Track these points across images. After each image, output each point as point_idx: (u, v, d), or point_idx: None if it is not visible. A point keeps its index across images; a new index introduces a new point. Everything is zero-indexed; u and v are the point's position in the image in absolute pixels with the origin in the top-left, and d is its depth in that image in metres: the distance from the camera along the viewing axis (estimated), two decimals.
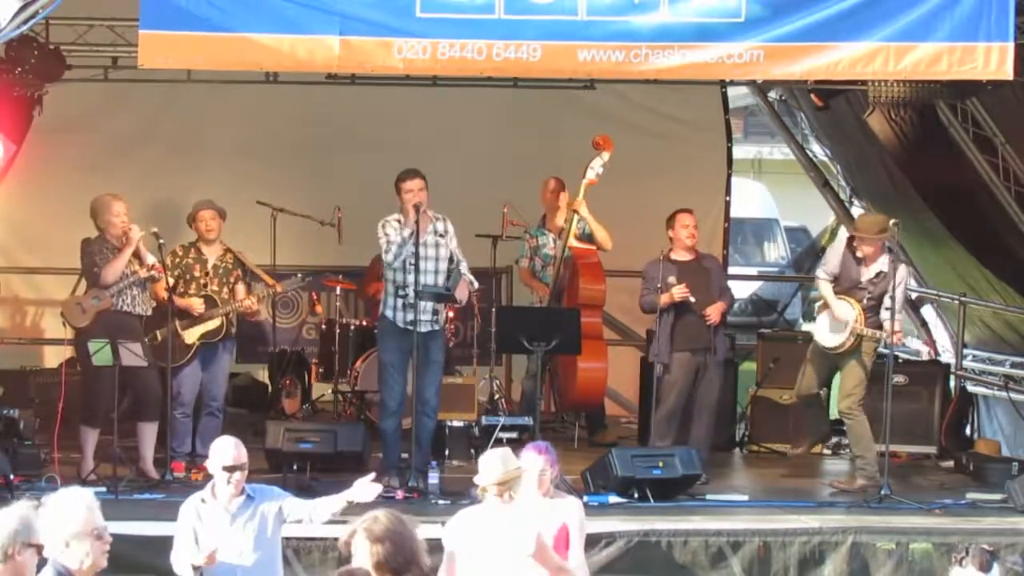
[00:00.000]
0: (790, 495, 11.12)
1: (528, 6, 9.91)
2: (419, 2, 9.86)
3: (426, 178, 10.77)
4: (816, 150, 16.20)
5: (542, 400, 11.84)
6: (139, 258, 10.92)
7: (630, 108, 14.70)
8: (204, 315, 11.18)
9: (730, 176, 15.71)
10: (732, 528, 9.89)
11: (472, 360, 13.73)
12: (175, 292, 11.07)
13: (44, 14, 9.66)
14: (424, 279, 10.60)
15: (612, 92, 14.29)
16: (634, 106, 14.74)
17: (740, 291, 12.65)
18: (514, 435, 11.51)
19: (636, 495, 10.45)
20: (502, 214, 13.45)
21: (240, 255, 11.54)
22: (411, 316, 10.63)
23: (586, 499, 10.27)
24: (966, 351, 14.13)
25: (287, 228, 14.06)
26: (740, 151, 21.89)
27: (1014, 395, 13.62)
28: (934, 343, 11.16)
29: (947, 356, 14.91)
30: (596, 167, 12.44)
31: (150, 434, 11.00)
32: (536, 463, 7.78)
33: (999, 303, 13.87)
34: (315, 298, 14.57)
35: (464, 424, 12.17)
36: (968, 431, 13.70)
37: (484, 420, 12.07)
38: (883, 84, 11.75)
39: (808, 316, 19.27)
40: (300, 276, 12.06)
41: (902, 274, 11.31)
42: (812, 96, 13.75)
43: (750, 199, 23.98)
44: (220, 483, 7.79)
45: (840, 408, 11.56)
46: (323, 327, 14.16)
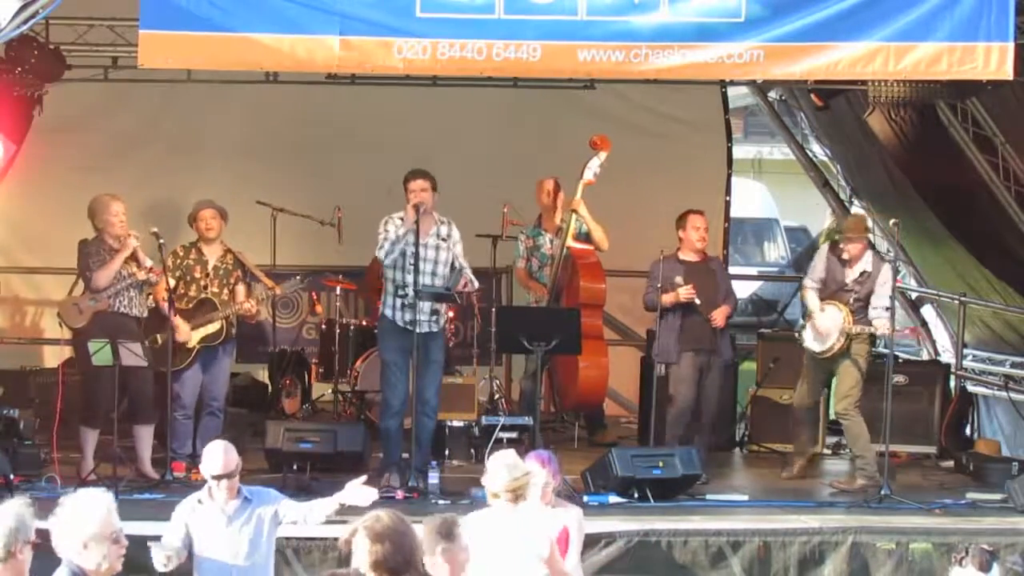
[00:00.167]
0: (790, 495, 11.11)
1: (528, 6, 9.90)
2: (419, 2, 9.85)
3: (435, 180, 10.77)
4: (816, 150, 16.20)
5: (542, 400, 11.84)
6: (136, 261, 10.92)
7: (630, 108, 14.69)
8: (197, 324, 11.17)
9: (730, 176, 15.71)
10: (732, 528, 9.88)
11: (472, 360, 13.72)
12: (175, 293, 11.07)
13: (44, 14, 9.66)
14: (420, 280, 10.59)
15: (612, 92, 14.29)
16: (634, 106, 14.74)
17: (740, 291, 12.63)
18: (514, 435, 11.50)
19: (636, 495, 10.44)
20: (502, 214, 13.45)
21: (240, 256, 11.52)
22: (410, 316, 10.64)
23: (586, 499, 10.29)
24: (966, 351, 14.14)
25: (287, 228, 14.07)
26: (740, 151, 21.87)
27: (1014, 395, 13.62)
28: (916, 329, 11.15)
29: (947, 356, 14.93)
30: (594, 167, 12.42)
31: (146, 436, 11.00)
32: (540, 476, 7.75)
33: (999, 303, 13.87)
34: (315, 298, 14.57)
35: (464, 424, 12.17)
36: (968, 431, 13.70)
37: (484, 420, 12.06)
38: (883, 84, 11.75)
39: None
40: (299, 278, 12.05)
41: (886, 273, 11.35)
42: (812, 96, 13.75)
43: (750, 199, 23.97)
44: (213, 488, 7.80)
45: (837, 410, 11.58)
46: (323, 327, 14.15)
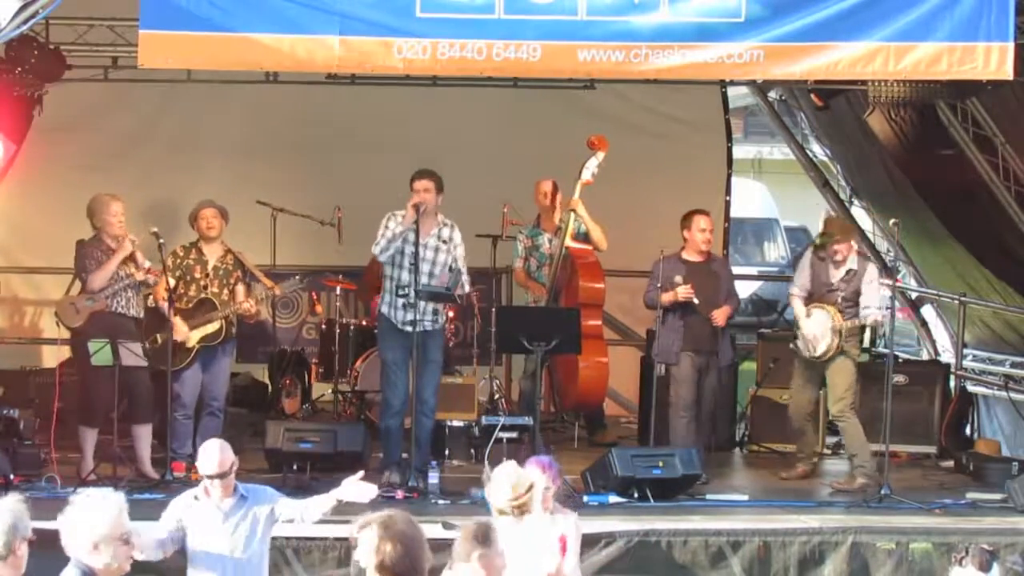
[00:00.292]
0: (790, 495, 11.11)
1: (528, 6, 9.90)
2: (419, 2, 9.86)
3: (441, 181, 10.77)
4: (816, 150, 16.20)
5: (542, 400, 11.84)
6: (134, 262, 10.92)
7: (630, 108, 14.69)
8: (203, 319, 11.17)
9: (730, 176, 15.71)
10: (732, 528, 9.88)
11: (472, 360, 13.72)
12: (175, 293, 11.06)
13: (44, 14, 9.66)
14: (416, 279, 10.60)
15: (612, 92, 14.29)
16: (634, 106, 14.74)
17: (740, 291, 12.60)
18: (514, 435, 11.49)
19: (636, 495, 10.43)
20: (502, 214, 13.46)
21: (240, 256, 11.52)
22: (407, 315, 10.64)
23: (586, 499, 10.29)
24: (966, 351, 14.14)
25: (287, 228, 14.07)
26: (740, 151, 21.87)
27: (1014, 395, 13.62)
28: (906, 310, 11.20)
29: (947, 356, 14.93)
30: (592, 167, 12.42)
31: (144, 436, 10.99)
32: (540, 482, 7.74)
33: (999, 303, 13.87)
34: (315, 298, 14.57)
35: (464, 424, 12.16)
36: (968, 431, 13.70)
37: (484, 420, 12.04)
38: (883, 84, 11.75)
39: None
40: (298, 278, 12.04)
41: (872, 272, 11.49)
42: (812, 96, 13.75)
43: (750, 199, 23.95)
44: (209, 486, 7.80)
45: (833, 412, 11.58)
46: (323, 327, 14.15)
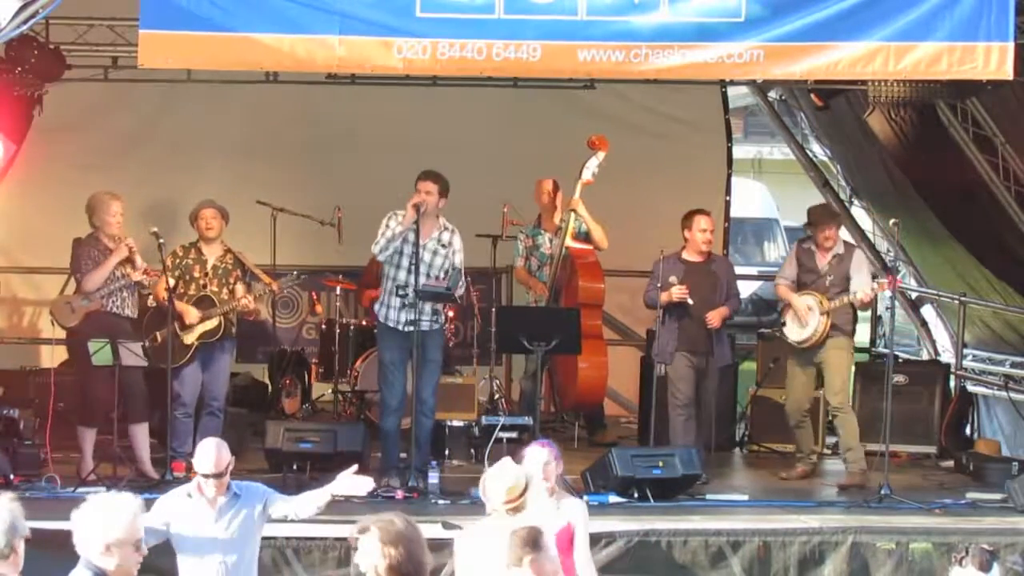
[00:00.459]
0: (790, 495, 11.11)
1: (528, 6, 9.90)
2: (419, 2, 9.85)
3: (446, 184, 10.79)
4: (816, 150, 16.19)
5: (542, 400, 11.84)
6: (132, 263, 10.92)
7: (630, 108, 14.69)
8: (202, 317, 11.18)
9: (730, 176, 15.71)
10: (732, 528, 9.88)
11: (472, 360, 13.71)
12: (175, 293, 11.06)
13: (44, 14, 9.65)
14: (412, 280, 10.61)
15: (612, 92, 14.28)
16: (634, 106, 14.74)
17: (740, 291, 12.60)
18: (514, 435, 11.49)
19: (636, 495, 10.44)
20: (502, 214, 13.45)
21: (240, 255, 11.52)
22: (403, 316, 10.66)
23: (586, 499, 10.27)
24: (966, 351, 14.14)
25: (287, 228, 14.06)
26: (740, 151, 21.88)
27: (1014, 395, 13.62)
28: (892, 279, 11.26)
29: (947, 356, 14.93)
30: (592, 167, 12.42)
31: (142, 435, 10.99)
32: (540, 455, 7.79)
33: (999, 303, 13.87)
34: (315, 298, 14.57)
35: (464, 424, 12.17)
36: (968, 431, 13.69)
37: (484, 420, 12.05)
38: (883, 84, 11.75)
39: None
40: (296, 273, 12.03)
41: (860, 256, 11.67)
42: (812, 96, 13.75)
43: (750, 199, 23.96)
44: (203, 484, 7.80)
45: (833, 404, 11.61)
46: (323, 327, 14.15)
